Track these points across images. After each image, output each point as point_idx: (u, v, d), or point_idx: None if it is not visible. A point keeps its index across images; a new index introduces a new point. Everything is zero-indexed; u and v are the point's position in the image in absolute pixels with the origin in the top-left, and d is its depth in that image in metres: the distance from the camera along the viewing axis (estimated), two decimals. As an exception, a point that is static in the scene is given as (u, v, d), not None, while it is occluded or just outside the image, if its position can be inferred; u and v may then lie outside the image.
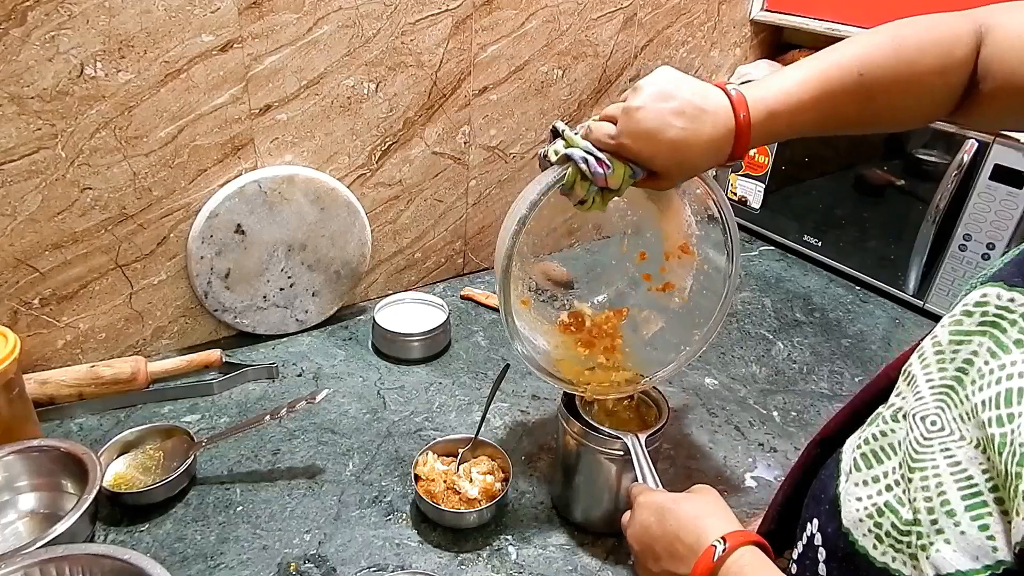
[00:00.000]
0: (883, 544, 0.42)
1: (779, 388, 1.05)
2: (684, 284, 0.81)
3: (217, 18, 0.87)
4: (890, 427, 0.45)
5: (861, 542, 0.44)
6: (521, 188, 1.36)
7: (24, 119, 0.81)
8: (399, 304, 1.13)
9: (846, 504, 0.46)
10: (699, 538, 0.52)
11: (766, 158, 1.45)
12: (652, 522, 0.57)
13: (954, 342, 0.42)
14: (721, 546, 0.50)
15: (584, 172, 0.65)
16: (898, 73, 0.61)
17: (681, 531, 0.54)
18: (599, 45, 1.25)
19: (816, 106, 0.62)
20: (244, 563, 0.71)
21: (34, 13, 0.77)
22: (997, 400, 0.36)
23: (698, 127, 0.61)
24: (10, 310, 0.88)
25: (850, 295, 1.32)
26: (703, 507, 0.56)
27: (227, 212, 0.97)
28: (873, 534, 0.43)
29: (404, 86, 1.07)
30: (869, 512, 0.43)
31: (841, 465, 0.49)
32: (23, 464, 0.75)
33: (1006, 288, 0.40)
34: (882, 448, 0.45)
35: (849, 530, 0.45)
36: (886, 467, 0.44)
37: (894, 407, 0.45)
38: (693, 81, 0.63)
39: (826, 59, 0.63)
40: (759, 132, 0.62)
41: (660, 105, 0.61)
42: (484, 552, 0.75)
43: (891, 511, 0.42)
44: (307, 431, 0.90)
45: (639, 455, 0.69)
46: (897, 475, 0.43)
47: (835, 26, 1.31)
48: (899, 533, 0.41)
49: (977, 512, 0.36)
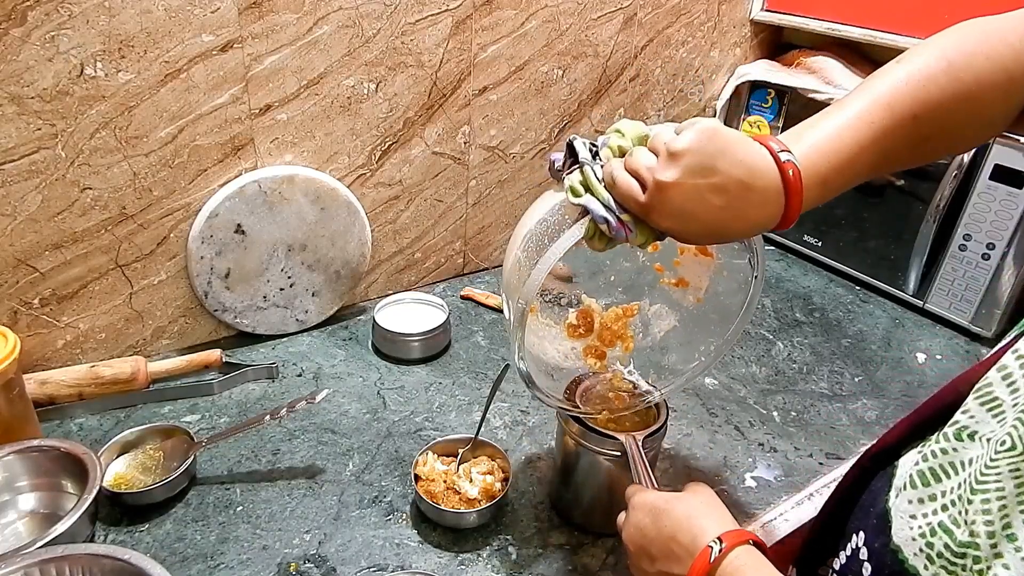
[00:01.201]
0: (934, 565, 0.41)
1: (779, 388, 1.05)
2: (700, 284, 0.78)
3: (217, 18, 0.87)
4: (952, 445, 0.43)
5: (911, 561, 0.43)
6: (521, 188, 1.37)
7: (24, 119, 0.81)
8: (399, 304, 1.13)
9: (897, 520, 0.45)
10: (695, 538, 0.52)
11: (766, 158, 1.45)
12: (647, 523, 0.56)
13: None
14: (718, 546, 0.50)
15: (603, 231, 0.57)
16: (956, 107, 0.55)
17: (677, 531, 0.54)
18: (599, 45, 1.25)
19: (869, 161, 0.55)
20: (244, 563, 0.71)
21: (34, 13, 0.77)
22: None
23: (741, 208, 0.53)
24: (10, 310, 0.88)
25: (850, 295, 1.32)
26: (698, 506, 0.56)
27: (227, 212, 0.97)
28: (924, 554, 0.42)
29: (404, 86, 1.07)
30: (922, 531, 0.42)
31: (895, 480, 0.48)
32: (23, 464, 0.75)
33: None
34: (941, 467, 0.43)
35: (899, 548, 0.44)
36: (944, 487, 0.42)
37: (958, 425, 0.43)
38: (741, 145, 0.53)
39: (876, 101, 0.55)
40: (809, 203, 0.55)
41: (698, 181, 0.51)
42: (484, 552, 0.75)
43: (945, 531, 0.41)
44: (307, 431, 0.90)
45: (635, 456, 0.69)
46: (955, 495, 0.41)
47: (835, 26, 1.31)
48: (952, 555, 0.40)
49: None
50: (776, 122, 1.41)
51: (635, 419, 0.77)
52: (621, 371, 0.79)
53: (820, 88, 1.30)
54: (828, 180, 0.54)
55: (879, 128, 0.54)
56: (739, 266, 0.73)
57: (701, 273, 0.77)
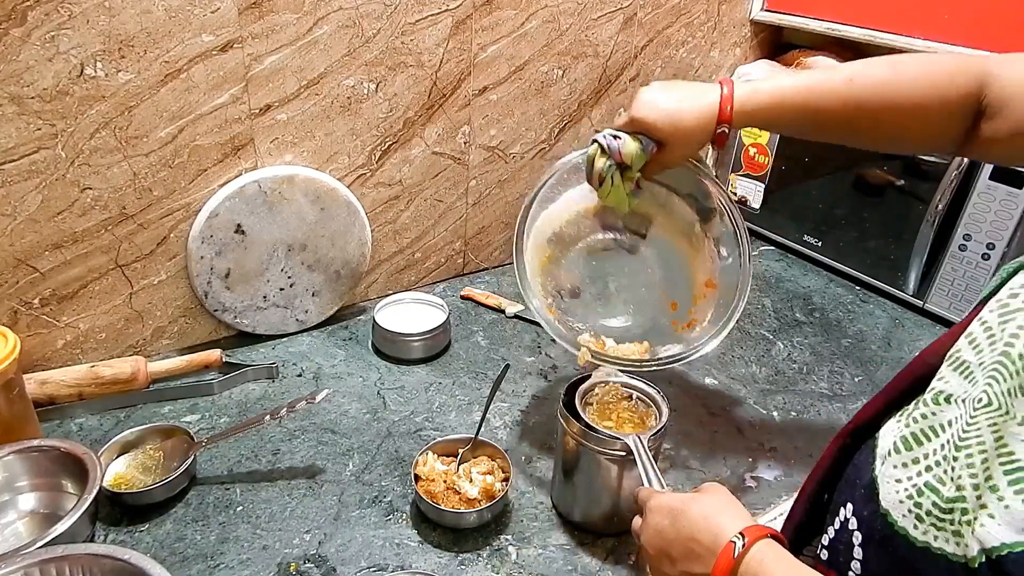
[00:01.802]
0: (924, 523, 0.42)
1: (779, 388, 1.05)
2: (706, 315, 0.85)
3: (217, 18, 0.87)
4: (931, 410, 0.45)
5: (900, 523, 0.44)
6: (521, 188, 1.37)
7: (24, 119, 0.81)
8: (399, 304, 1.13)
9: (884, 486, 0.46)
10: (716, 536, 0.52)
11: (766, 158, 1.45)
12: (666, 525, 0.56)
13: (1002, 322, 0.43)
14: (740, 541, 0.50)
15: (602, 146, 0.77)
16: (892, 91, 0.68)
17: (696, 531, 0.54)
18: (599, 45, 1.25)
19: (802, 95, 0.71)
20: (244, 563, 0.71)
21: (34, 13, 0.77)
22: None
23: (690, 97, 0.74)
24: (10, 310, 0.88)
25: (850, 295, 1.32)
26: (715, 505, 0.56)
27: (227, 212, 0.97)
28: (913, 514, 0.43)
29: (404, 86, 1.07)
30: (909, 493, 0.44)
31: (877, 450, 0.49)
32: (23, 464, 0.75)
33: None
34: (923, 431, 0.45)
35: (888, 511, 0.45)
36: (927, 449, 0.44)
37: (936, 390, 0.46)
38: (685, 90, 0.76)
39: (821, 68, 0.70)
40: (743, 106, 0.72)
41: (660, 87, 0.76)
42: (484, 552, 0.75)
43: (931, 491, 0.42)
44: (307, 431, 0.90)
45: (642, 456, 0.69)
46: (939, 456, 0.43)
47: (835, 26, 1.31)
48: (941, 512, 0.42)
49: (1021, 486, 0.37)
50: (776, 122, 1.41)
51: (634, 419, 0.78)
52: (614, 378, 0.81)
53: (820, 88, 1.30)
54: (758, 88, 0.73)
55: (815, 76, 0.71)
56: (733, 265, 0.84)
57: (708, 308, 0.87)
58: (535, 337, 1.14)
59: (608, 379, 0.80)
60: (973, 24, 1.12)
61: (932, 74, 0.68)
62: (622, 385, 0.80)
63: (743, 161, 1.50)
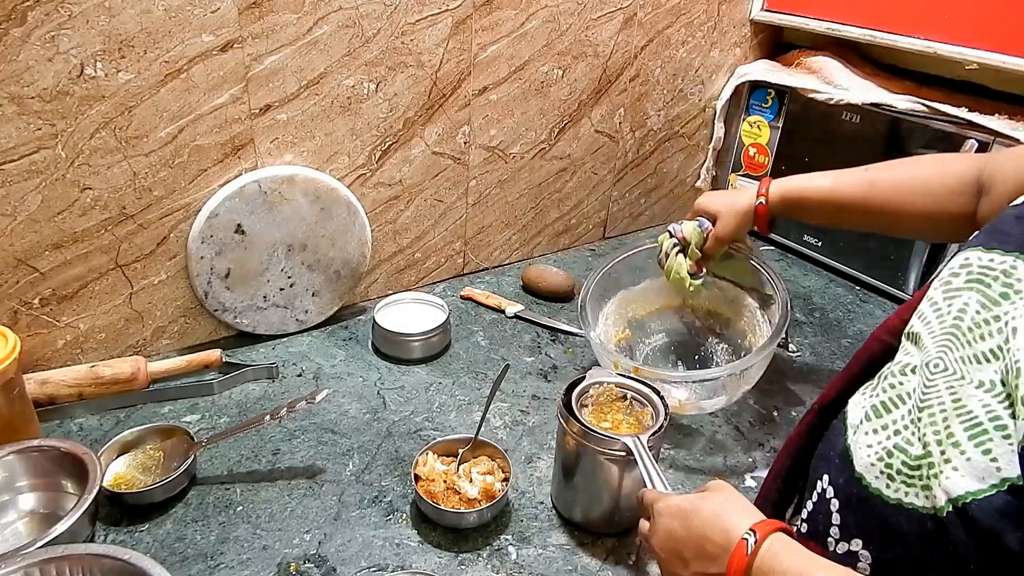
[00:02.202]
0: (895, 482, 0.46)
1: (779, 388, 1.05)
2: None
3: (217, 18, 0.87)
4: (899, 380, 0.49)
5: (874, 484, 0.47)
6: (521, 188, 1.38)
7: (24, 119, 0.81)
8: (399, 304, 1.13)
9: (857, 453, 0.49)
10: (727, 534, 0.52)
11: (766, 158, 1.45)
12: (676, 526, 0.57)
13: (947, 298, 0.47)
14: (752, 537, 0.50)
15: (669, 231, 0.98)
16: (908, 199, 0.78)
17: (708, 530, 0.54)
18: (599, 45, 1.25)
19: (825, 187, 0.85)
20: (244, 563, 0.71)
21: (34, 13, 0.77)
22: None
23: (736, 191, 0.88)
24: (10, 310, 0.88)
25: (850, 295, 1.32)
26: (724, 503, 0.56)
27: (227, 212, 0.97)
28: (885, 475, 0.46)
29: (404, 86, 1.07)
30: (880, 455, 0.47)
31: (848, 422, 0.52)
32: (23, 464, 0.75)
33: (984, 251, 0.47)
34: (891, 399, 0.49)
35: (862, 475, 0.48)
36: (895, 415, 0.48)
37: (901, 363, 0.50)
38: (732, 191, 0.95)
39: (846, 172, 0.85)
40: (777, 186, 0.89)
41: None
42: (484, 552, 0.75)
43: (900, 451, 0.46)
44: (307, 431, 0.90)
45: (643, 456, 0.69)
46: (906, 420, 0.47)
47: (835, 26, 1.31)
48: (909, 469, 0.45)
49: (979, 439, 0.40)
50: (776, 122, 1.41)
51: (629, 419, 0.77)
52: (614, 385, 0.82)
53: (820, 88, 1.30)
54: (787, 189, 0.88)
55: (840, 172, 0.85)
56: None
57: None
58: (535, 337, 1.14)
59: (603, 380, 0.80)
60: (973, 24, 1.12)
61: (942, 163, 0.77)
62: (616, 385, 0.80)
63: (743, 161, 1.50)
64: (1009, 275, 0.44)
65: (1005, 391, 0.41)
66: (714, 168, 1.58)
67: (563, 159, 1.33)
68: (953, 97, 1.20)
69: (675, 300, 1.06)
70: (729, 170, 1.54)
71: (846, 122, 1.28)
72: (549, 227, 1.40)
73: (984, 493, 0.40)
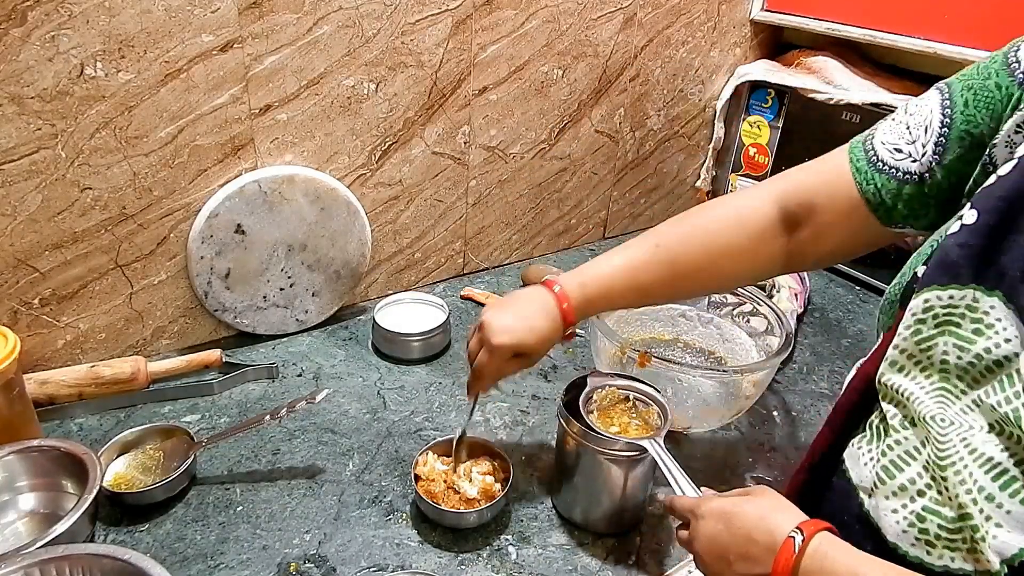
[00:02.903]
0: (936, 548, 0.43)
1: (779, 388, 1.05)
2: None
3: (217, 18, 0.87)
4: (903, 435, 0.47)
5: (912, 552, 0.45)
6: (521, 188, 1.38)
7: (24, 119, 0.80)
8: (399, 304, 1.13)
9: (883, 520, 0.47)
10: (773, 535, 0.51)
11: (766, 158, 1.45)
12: (720, 529, 0.56)
13: (923, 349, 0.46)
14: (799, 536, 0.49)
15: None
16: (698, 241, 0.69)
17: (753, 531, 0.53)
18: (599, 45, 1.25)
19: (622, 274, 0.71)
20: (244, 563, 0.71)
21: (34, 13, 0.77)
22: (999, 387, 0.41)
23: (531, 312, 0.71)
24: (10, 310, 0.88)
25: (850, 295, 1.32)
26: (767, 505, 0.55)
27: (227, 212, 0.97)
28: (923, 541, 0.44)
29: (404, 86, 1.07)
30: (910, 521, 0.44)
31: (854, 482, 0.50)
32: (23, 464, 0.75)
33: (941, 288, 0.46)
34: (900, 457, 0.46)
35: (897, 544, 0.46)
36: (909, 474, 0.46)
37: (899, 417, 0.47)
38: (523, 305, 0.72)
39: (631, 240, 0.72)
40: (581, 311, 0.72)
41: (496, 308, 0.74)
42: (484, 552, 0.75)
43: (932, 514, 0.43)
44: (307, 431, 0.90)
45: (664, 459, 0.68)
46: (926, 478, 0.44)
47: (835, 26, 1.31)
48: (949, 533, 0.42)
49: (1013, 488, 0.39)
50: (776, 122, 1.41)
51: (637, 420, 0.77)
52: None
53: (820, 88, 1.30)
54: (589, 294, 0.71)
55: (627, 251, 0.71)
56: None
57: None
58: (535, 337, 1.14)
59: (604, 383, 0.79)
60: (973, 24, 1.12)
61: (734, 210, 0.69)
62: (618, 388, 0.79)
63: (743, 161, 1.50)
64: (975, 310, 0.43)
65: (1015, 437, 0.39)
66: (714, 168, 1.58)
67: (563, 159, 1.33)
68: (953, 97, 1.20)
69: (668, 333, 1.06)
70: (729, 170, 1.54)
71: (846, 122, 1.28)
72: (549, 227, 1.40)
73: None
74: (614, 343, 0.89)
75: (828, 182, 0.63)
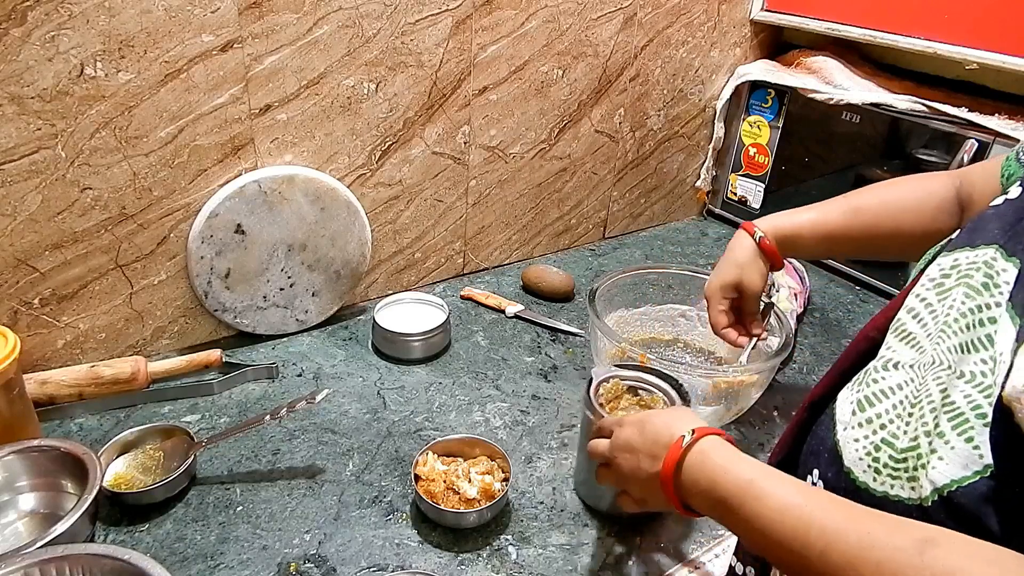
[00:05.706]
0: (881, 475, 0.47)
1: (779, 388, 1.05)
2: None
3: (217, 18, 0.87)
4: (881, 375, 0.51)
5: (861, 478, 0.49)
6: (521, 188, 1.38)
7: (24, 119, 0.81)
8: (399, 304, 1.13)
9: (846, 448, 0.51)
10: (672, 435, 0.57)
11: (766, 158, 1.45)
12: (634, 433, 0.62)
13: (940, 298, 0.50)
14: (689, 435, 0.56)
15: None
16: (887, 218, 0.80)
17: (659, 434, 0.59)
18: (599, 45, 1.25)
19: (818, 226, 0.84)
20: (244, 563, 0.71)
21: (34, 13, 0.77)
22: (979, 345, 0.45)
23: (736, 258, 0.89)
24: (10, 310, 0.88)
25: (850, 295, 1.32)
26: (676, 414, 0.63)
27: (227, 212, 0.97)
28: (872, 468, 0.48)
29: (404, 86, 1.07)
30: (867, 450, 0.49)
31: (836, 416, 0.54)
32: (23, 464, 0.75)
33: (970, 249, 0.49)
34: (874, 394, 0.51)
35: (850, 469, 0.50)
36: (879, 409, 0.50)
37: (884, 359, 0.52)
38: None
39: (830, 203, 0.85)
40: (783, 248, 0.85)
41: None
42: (484, 552, 0.75)
43: (887, 445, 0.47)
44: (307, 431, 0.90)
45: None
46: (892, 415, 0.48)
47: (835, 26, 1.31)
48: (895, 462, 0.46)
49: (962, 428, 0.42)
50: (776, 122, 1.41)
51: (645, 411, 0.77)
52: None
53: (820, 88, 1.30)
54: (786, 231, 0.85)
55: (821, 206, 0.85)
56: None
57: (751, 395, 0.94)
58: (535, 337, 1.14)
59: (609, 375, 0.80)
60: (973, 24, 1.12)
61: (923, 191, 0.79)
62: (620, 379, 0.80)
63: (743, 161, 1.50)
64: (991, 266, 0.46)
65: (987, 383, 0.42)
66: (714, 168, 1.58)
67: (563, 159, 1.33)
68: (953, 97, 1.20)
69: (668, 333, 1.07)
70: (729, 170, 1.54)
71: (846, 122, 1.28)
72: (549, 227, 1.40)
73: (968, 480, 0.41)
74: (614, 343, 0.89)
75: (985, 176, 0.71)
